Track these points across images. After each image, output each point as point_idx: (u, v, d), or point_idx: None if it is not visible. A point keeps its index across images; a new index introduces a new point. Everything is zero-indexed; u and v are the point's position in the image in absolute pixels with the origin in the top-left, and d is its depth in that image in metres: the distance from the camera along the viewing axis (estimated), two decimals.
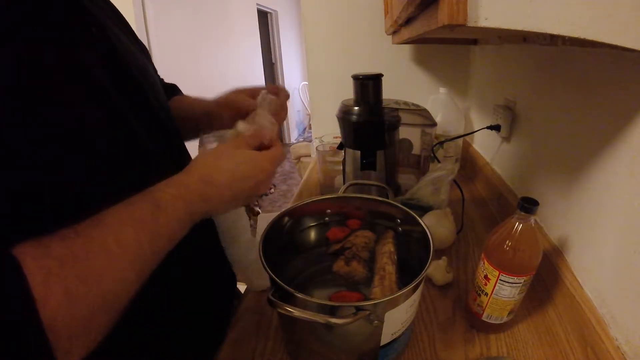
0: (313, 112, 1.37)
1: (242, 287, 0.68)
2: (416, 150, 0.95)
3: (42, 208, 0.28)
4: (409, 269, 0.55)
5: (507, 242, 0.46)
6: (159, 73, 0.58)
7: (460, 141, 1.07)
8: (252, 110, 0.50)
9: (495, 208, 0.86)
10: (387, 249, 0.53)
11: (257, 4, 3.90)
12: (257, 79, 4.08)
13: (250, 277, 0.62)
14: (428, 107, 0.87)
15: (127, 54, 0.42)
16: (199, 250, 0.53)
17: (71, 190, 0.30)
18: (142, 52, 0.53)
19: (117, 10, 0.50)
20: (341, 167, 0.89)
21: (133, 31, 0.53)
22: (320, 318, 0.37)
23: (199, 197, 0.35)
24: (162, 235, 0.31)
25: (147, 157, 0.40)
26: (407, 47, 1.20)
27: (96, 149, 0.33)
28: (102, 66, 0.35)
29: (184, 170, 0.37)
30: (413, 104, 0.85)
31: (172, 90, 0.68)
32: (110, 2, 0.49)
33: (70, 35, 0.33)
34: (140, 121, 0.39)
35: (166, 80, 0.67)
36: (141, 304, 0.32)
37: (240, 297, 0.70)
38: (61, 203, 0.29)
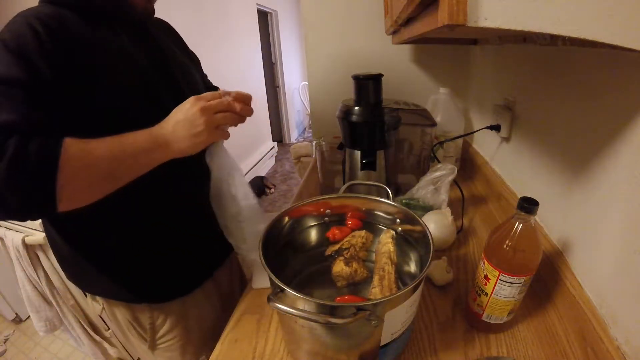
0: (313, 112, 1.37)
1: None
2: (416, 150, 0.95)
3: None
4: (409, 269, 0.55)
5: (507, 242, 0.46)
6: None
7: (460, 141, 1.07)
8: None
9: (495, 208, 0.86)
10: (387, 249, 0.53)
11: (257, 4, 3.90)
12: (257, 79, 4.08)
13: (237, 242, 0.65)
14: (428, 107, 0.87)
15: (174, 58, 0.65)
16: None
17: None
18: (191, 61, 0.76)
19: (177, 34, 0.77)
20: (341, 167, 0.89)
21: (184, 44, 0.78)
22: (320, 318, 0.38)
23: (161, 127, 0.52)
24: (136, 143, 0.50)
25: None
26: (407, 47, 1.20)
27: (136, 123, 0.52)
28: (153, 67, 0.59)
29: None
30: (413, 104, 0.85)
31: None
32: (170, 28, 0.77)
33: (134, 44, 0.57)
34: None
35: None
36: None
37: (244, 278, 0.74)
38: None
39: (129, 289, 0.64)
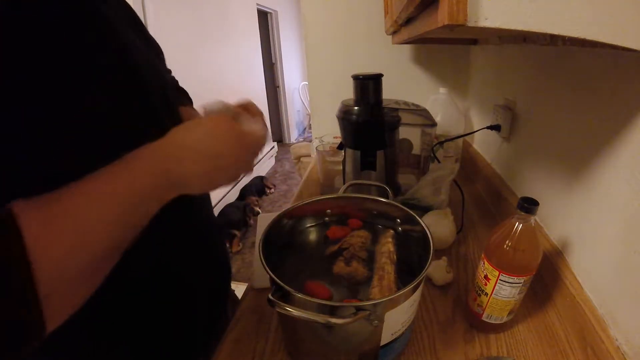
0: (313, 112, 1.37)
1: (242, 287, 0.68)
2: (416, 150, 0.95)
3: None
4: (409, 269, 0.55)
5: (507, 242, 0.46)
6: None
7: (460, 141, 1.07)
8: None
9: (495, 208, 0.86)
10: (387, 248, 0.53)
11: (257, 4, 3.90)
12: (257, 79, 4.08)
13: None
14: (428, 107, 0.87)
15: (138, 54, 0.43)
16: (190, 251, 0.52)
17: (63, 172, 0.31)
18: (157, 55, 0.55)
19: (134, 15, 0.53)
20: (341, 167, 0.89)
21: (148, 34, 0.56)
22: (320, 318, 0.37)
23: (172, 156, 0.35)
24: (136, 189, 0.32)
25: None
26: (407, 47, 1.20)
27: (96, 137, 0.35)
28: (113, 65, 0.38)
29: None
30: (413, 104, 0.85)
31: (181, 97, 0.68)
32: (126, 7, 0.51)
33: (87, 38, 0.36)
34: (141, 117, 0.41)
35: None
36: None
37: (236, 301, 0.71)
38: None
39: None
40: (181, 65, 2.49)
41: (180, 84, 0.71)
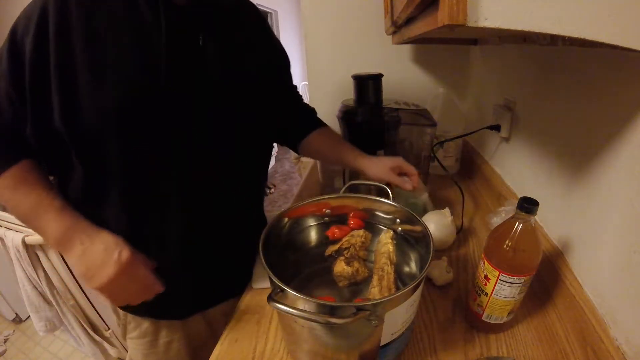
0: None
1: None
2: (416, 150, 0.95)
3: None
4: (408, 269, 0.55)
5: (507, 242, 0.46)
6: None
7: (460, 141, 1.07)
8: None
9: (495, 208, 0.86)
10: (387, 249, 0.53)
11: (257, 4, 3.89)
12: None
13: None
14: (428, 107, 0.87)
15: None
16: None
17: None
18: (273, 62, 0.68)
19: (263, 24, 0.70)
20: (341, 167, 0.89)
21: (273, 45, 0.71)
22: (320, 318, 0.38)
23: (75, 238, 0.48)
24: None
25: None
26: (407, 47, 1.20)
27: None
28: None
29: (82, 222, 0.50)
30: (413, 104, 0.85)
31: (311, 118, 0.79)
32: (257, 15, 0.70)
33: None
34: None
35: None
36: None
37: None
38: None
39: None
40: None
41: None
